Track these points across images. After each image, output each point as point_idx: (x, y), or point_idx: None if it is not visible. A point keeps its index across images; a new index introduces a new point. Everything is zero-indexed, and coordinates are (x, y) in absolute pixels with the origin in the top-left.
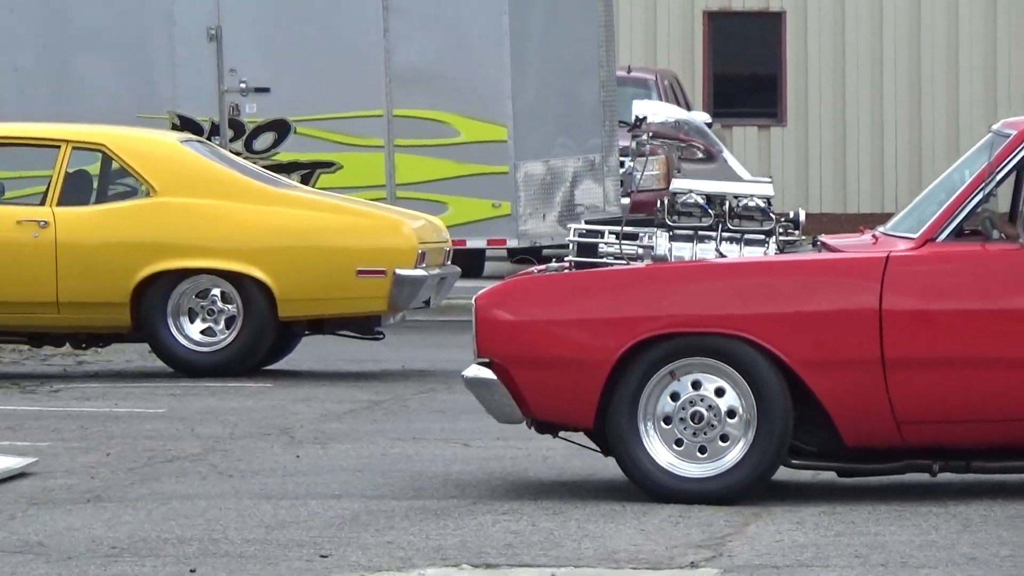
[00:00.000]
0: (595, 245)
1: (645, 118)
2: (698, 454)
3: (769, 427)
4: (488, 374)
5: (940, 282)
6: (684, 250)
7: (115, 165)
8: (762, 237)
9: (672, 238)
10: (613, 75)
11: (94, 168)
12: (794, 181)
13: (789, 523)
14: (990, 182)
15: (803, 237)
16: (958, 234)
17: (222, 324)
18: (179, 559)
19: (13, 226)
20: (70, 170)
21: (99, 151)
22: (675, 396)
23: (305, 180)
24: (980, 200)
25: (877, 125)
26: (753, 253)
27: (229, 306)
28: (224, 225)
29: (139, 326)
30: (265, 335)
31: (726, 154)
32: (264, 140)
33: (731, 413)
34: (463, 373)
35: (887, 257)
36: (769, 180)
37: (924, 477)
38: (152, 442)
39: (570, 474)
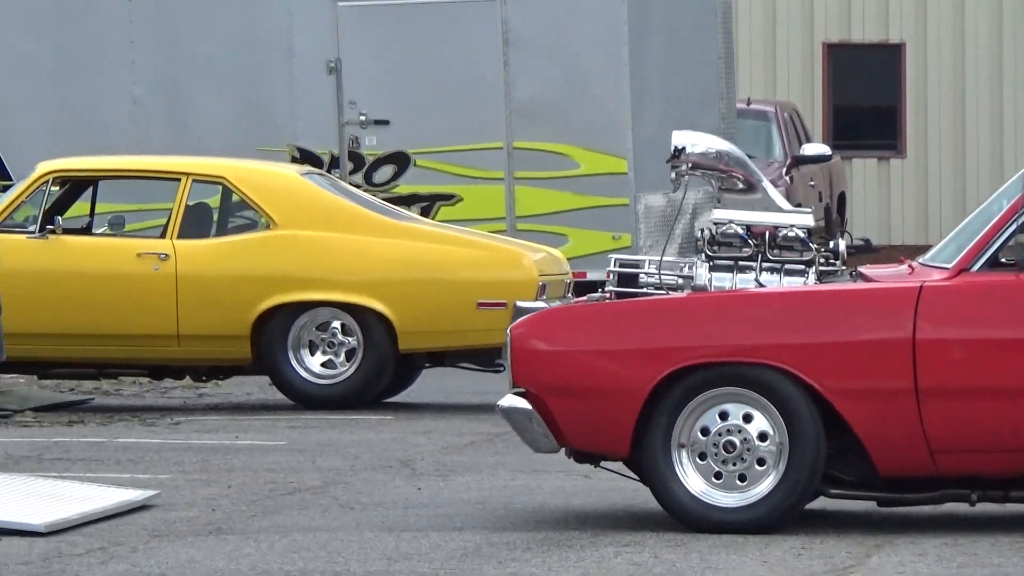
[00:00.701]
0: (636, 275)
1: (684, 148)
2: (738, 482)
3: (801, 457)
4: (524, 404)
5: (973, 312)
6: (724, 280)
7: (235, 198)
8: (802, 267)
9: (712, 268)
10: (733, 107)
11: (214, 201)
12: (914, 212)
13: (911, 554)
14: (1023, 214)
15: (843, 267)
16: (992, 264)
17: (342, 356)
18: None
19: (134, 259)
20: (190, 203)
21: (219, 184)
22: (705, 430)
23: (425, 212)
24: (1014, 231)
25: (997, 155)
26: (793, 283)
27: (350, 339)
28: (344, 258)
29: (259, 359)
30: (385, 368)
31: (766, 184)
32: (384, 173)
33: (762, 437)
34: (498, 403)
35: (920, 287)
36: (809, 211)
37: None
38: (273, 475)
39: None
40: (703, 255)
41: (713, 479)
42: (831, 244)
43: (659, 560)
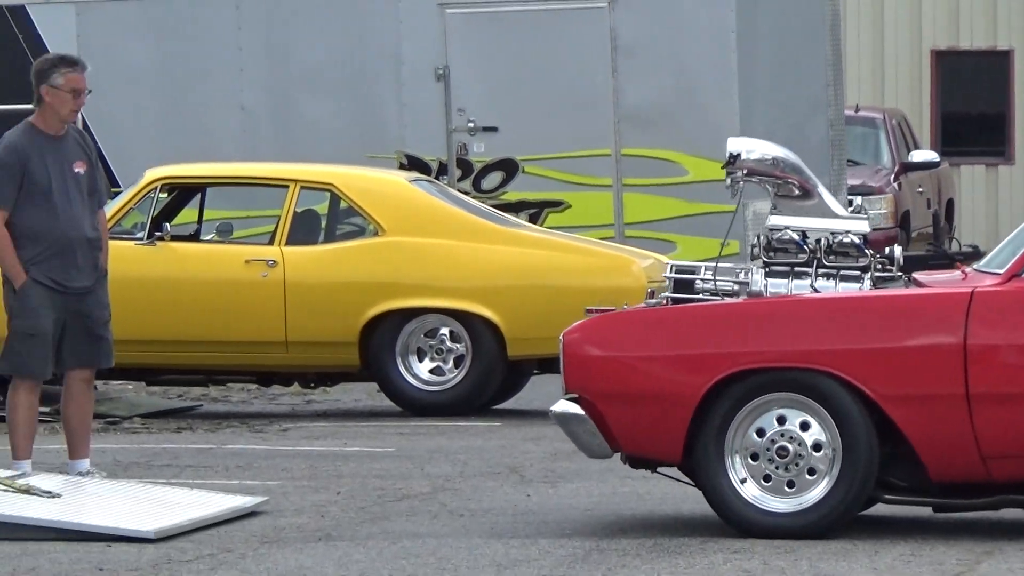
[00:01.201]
0: (692, 282)
1: (739, 155)
2: (786, 488)
3: (853, 462)
4: (576, 409)
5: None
6: (780, 286)
7: (343, 204)
8: (857, 273)
9: (768, 274)
10: (841, 114)
11: (322, 208)
12: (1022, 218)
13: (1022, 561)
14: None
15: (899, 273)
16: None
17: (451, 363)
18: None
19: (242, 265)
20: (298, 210)
21: (327, 191)
22: (761, 432)
23: (533, 219)
24: None
25: None
26: (848, 289)
27: (458, 345)
28: (453, 264)
29: (367, 365)
30: (494, 374)
31: (822, 190)
32: (492, 179)
33: (816, 447)
34: (551, 408)
35: (972, 292)
36: (865, 217)
37: None
38: (382, 481)
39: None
40: (760, 261)
41: (762, 481)
42: (887, 251)
43: (769, 567)
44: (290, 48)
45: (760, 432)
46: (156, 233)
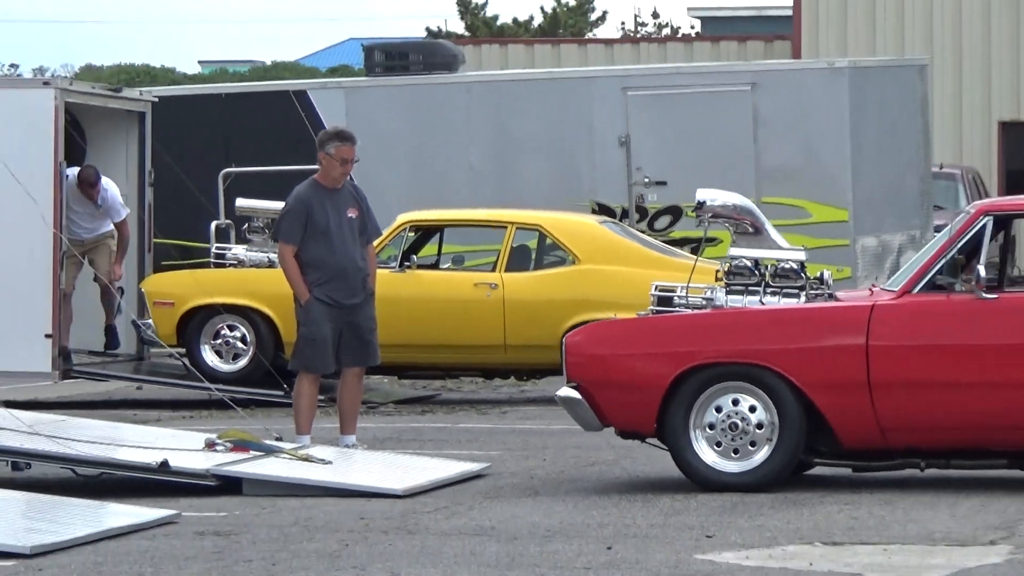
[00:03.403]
0: (671, 298)
1: (705, 202)
2: (733, 454)
3: (787, 434)
4: (576, 394)
5: (911, 324)
6: (737, 301)
7: (548, 241)
8: (796, 291)
9: (728, 292)
10: (929, 171)
11: (532, 243)
12: None
13: None
14: (951, 249)
15: (829, 293)
16: (930, 287)
17: None
18: (599, 539)
19: (471, 287)
20: (514, 245)
21: (536, 230)
22: (718, 410)
23: (694, 252)
24: (945, 262)
25: None
26: (788, 303)
27: None
28: (633, 285)
29: None
30: None
31: (768, 227)
32: (662, 221)
33: (759, 425)
34: (556, 393)
35: (873, 306)
36: (802, 248)
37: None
38: (578, 451)
39: (896, 474)
40: (723, 282)
41: (716, 447)
42: (819, 274)
43: (872, 515)
44: (507, 121)
45: (717, 410)
46: (405, 263)
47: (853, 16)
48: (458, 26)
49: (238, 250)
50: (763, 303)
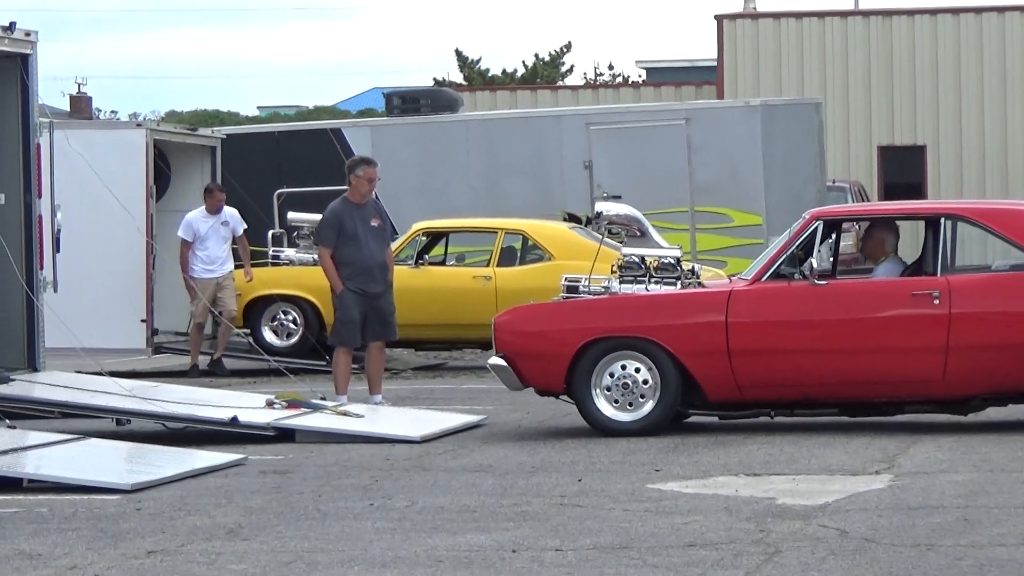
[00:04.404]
0: (577, 286)
1: (603, 212)
2: (628, 407)
3: (666, 391)
4: (503, 362)
5: (760, 305)
6: (628, 289)
7: (530, 242)
8: (673, 280)
9: (621, 282)
10: (824, 184)
11: (518, 245)
12: None
13: (934, 447)
14: (791, 247)
15: (698, 281)
16: (776, 276)
17: None
18: (572, 473)
19: (470, 279)
20: (503, 246)
21: (520, 234)
22: (612, 374)
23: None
24: (786, 257)
25: None
26: (667, 290)
27: None
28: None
29: None
30: None
31: (651, 231)
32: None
33: (644, 383)
34: (488, 361)
35: (731, 291)
36: (678, 247)
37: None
38: (554, 406)
39: (807, 424)
40: (617, 274)
41: (613, 403)
42: (691, 267)
43: (783, 452)
44: (497, 151)
45: (611, 374)
46: (419, 261)
47: (764, 65)
48: (458, 76)
49: (289, 252)
50: (648, 290)
